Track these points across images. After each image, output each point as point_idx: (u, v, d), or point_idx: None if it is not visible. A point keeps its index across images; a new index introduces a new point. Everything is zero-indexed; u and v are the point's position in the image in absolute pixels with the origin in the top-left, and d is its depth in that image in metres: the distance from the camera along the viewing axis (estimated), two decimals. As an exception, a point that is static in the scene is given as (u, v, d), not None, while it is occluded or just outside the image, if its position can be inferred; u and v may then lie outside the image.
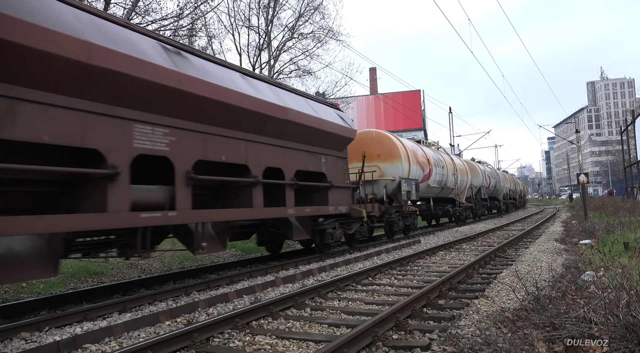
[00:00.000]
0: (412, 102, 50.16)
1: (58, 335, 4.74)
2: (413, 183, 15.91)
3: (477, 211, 25.80)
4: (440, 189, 19.53)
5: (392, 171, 15.32)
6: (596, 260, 7.73)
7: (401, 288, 6.93)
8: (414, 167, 16.16)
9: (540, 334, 3.77)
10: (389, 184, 15.30)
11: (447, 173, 20.02)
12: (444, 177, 19.49)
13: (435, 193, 19.37)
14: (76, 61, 4.95)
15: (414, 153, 16.64)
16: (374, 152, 15.28)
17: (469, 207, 23.61)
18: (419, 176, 16.60)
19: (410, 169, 15.88)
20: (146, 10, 13.74)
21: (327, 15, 25.11)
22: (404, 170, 15.55)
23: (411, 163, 15.96)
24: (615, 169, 78.92)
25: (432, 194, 19.30)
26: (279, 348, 4.27)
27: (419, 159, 16.90)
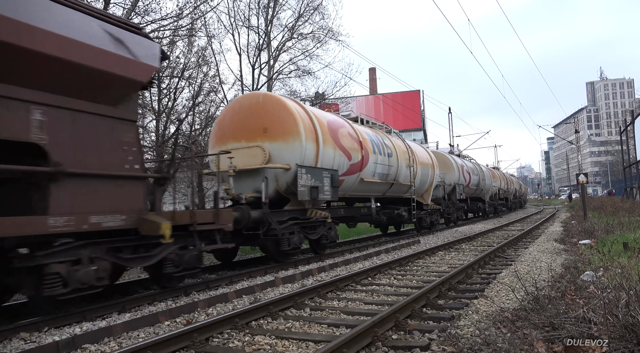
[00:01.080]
0: (412, 102, 50.18)
1: (57, 336, 4.74)
2: (326, 174, 10.38)
3: (450, 216, 21.02)
4: (387, 186, 14.31)
5: (286, 155, 9.69)
6: (595, 260, 7.73)
7: (401, 288, 6.93)
8: (329, 150, 10.71)
9: (539, 334, 3.77)
10: (281, 175, 9.66)
11: (398, 164, 14.56)
12: (391, 169, 14.14)
13: (378, 190, 14.15)
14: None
15: (330, 130, 11.02)
16: (259, 125, 9.93)
17: (436, 210, 18.24)
18: (340, 164, 11.22)
19: (319, 154, 10.27)
20: (146, 10, 13.74)
21: (326, 16, 25.18)
22: (307, 154, 9.91)
23: (322, 143, 10.32)
24: (614, 169, 78.96)
25: (373, 193, 14.02)
26: (278, 348, 4.27)
27: (340, 140, 11.31)
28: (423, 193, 17.53)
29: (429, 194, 17.83)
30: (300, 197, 9.51)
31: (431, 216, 17.64)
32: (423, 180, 17.00)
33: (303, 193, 9.54)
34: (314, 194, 9.86)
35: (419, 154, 17.01)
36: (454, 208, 21.45)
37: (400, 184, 14.97)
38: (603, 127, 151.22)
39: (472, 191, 25.62)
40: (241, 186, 9.61)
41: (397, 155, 14.69)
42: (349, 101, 27.32)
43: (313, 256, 10.59)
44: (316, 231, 10.44)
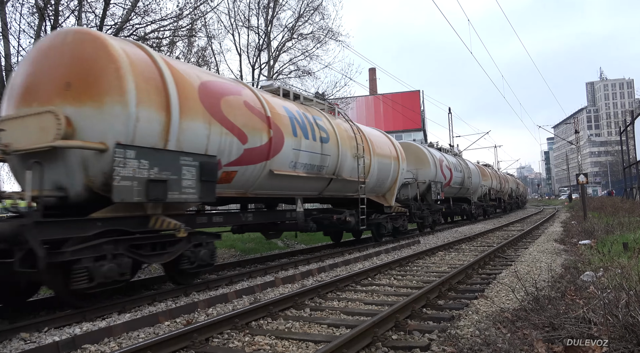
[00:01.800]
0: (412, 102, 50.22)
1: (57, 336, 4.74)
2: (188, 161, 6.53)
3: (424, 220, 17.13)
4: (322, 183, 10.52)
5: (101, 128, 5.87)
6: (595, 261, 7.73)
7: (401, 289, 6.93)
8: (199, 125, 6.87)
9: (539, 334, 3.77)
10: (91, 160, 5.85)
11: (339, 153, 10.69)
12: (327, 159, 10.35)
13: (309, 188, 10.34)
14: None
15: (205, 95, 7.11)
16: (58, 79, 6.05)
17: (401, 213, 14.35)
18: (225, 148, 7.41)
19: (171, 128, 6.40)
20: (146, 11, 13.74)
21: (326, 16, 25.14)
22: (141, 127, 6.00)
23: (178, 112, 6.50)
24: (614, 169, 78.97)
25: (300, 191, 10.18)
26: (278, 348, 4.27)
27: (224, 112, 7.41)
28: (384, 192, 13.69)
29: (392, 194, 13.87)
30: (119, 197, 5.70)
31: (395, 221, 13.93)
32: (382, 176, 13.01)
33: (126, 191, 5.75)
34: (156, 193, 6.09)
35: (375, 143, 12.85)
36: (430, 210, 17.43)
37: (345, 180, 11.22)
38: (603, 128, 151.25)
39: (456, 191, 22.28)
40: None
41: (338, 141, 10.80)
42: (349, 101, 27.33)
43: (313, 257, 10.57)
44: (167, 250, 6.64)
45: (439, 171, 19.20)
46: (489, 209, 29.62)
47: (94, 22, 13.09)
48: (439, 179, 19.01)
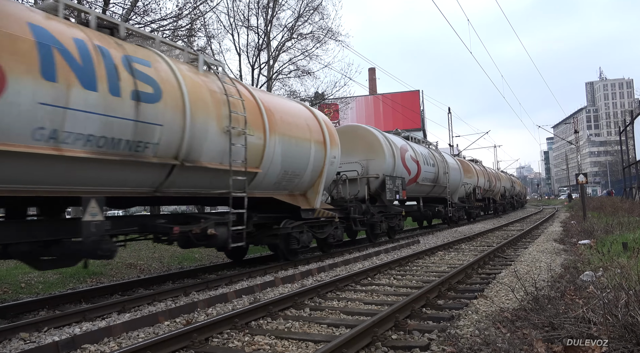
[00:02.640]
0: (411, 102, 50.20)
1: (57, 336, 4.74)
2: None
3: (375, 228, 13.24)
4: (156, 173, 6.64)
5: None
6: (595, 260, 7.73)
7: (400, 288, 6.93)
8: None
9: (539, 334, 3.77)
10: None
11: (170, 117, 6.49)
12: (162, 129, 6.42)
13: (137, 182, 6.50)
14: None
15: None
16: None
17: (330, 220, 10.76)
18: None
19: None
20: (145, 11, 13.75)
21: (326, 16, 25.16)
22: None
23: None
24: (614, 169, 79.01)
25: None
26: (278, 348, 4.27)
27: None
28: (304, 189, 10.21)
29: (315, 193, 10.28)
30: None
31: (320, 229, 10.57)
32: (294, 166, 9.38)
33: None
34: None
35: (280, 116, 9.08)
36: (384, 214, 13.60)
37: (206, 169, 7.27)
38: (602, 128, 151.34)
39: (428, 189, 17.99)
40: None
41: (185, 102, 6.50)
42: (348, 101, 27.35)
43: (312, 256, 10.58)
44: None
45: (400, 163, 14.74)
46: (474, 212, 24.99)
47: (94, 22, 13.08)
48: (399, 173, 14.56)
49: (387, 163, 13.88)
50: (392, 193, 13.83)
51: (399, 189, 14.31)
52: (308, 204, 10.02)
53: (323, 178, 10.31)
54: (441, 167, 19.20)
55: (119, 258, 10.00)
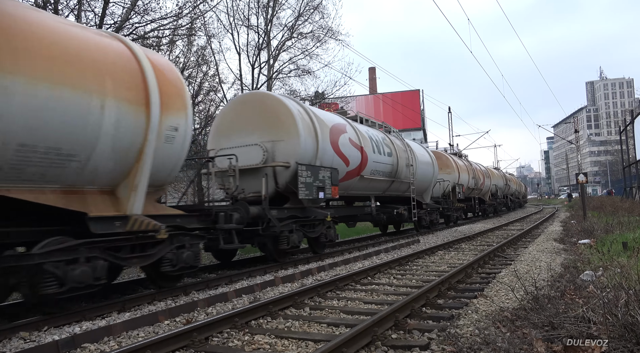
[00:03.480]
0: (412, 101, 50.21)
1: (57, 335, 4.74)
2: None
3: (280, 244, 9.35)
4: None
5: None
6: (595, 260, 7.74)
7: (400, 288, 6.93)
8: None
9: (539, 334, 3.77)
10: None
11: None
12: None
13: None
14: None
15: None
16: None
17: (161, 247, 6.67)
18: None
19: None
20: (145, 10, 13.73)
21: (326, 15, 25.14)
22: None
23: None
24: (614, 169, 79.00)
25: None
26: (278, 347, 4.27)
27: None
28: None
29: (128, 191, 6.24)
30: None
31: None
32: None
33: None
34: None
35: None
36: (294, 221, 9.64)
37: None
38: (603, 127, 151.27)
39: (383, 186, 13.98)
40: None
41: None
42: (348, 100, 27.34)
43: (312, 256, 10.58)
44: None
45: (328, 147, 10.61)
46: (453, 214, 21.14)
47: (94, 21, 13.08)
48: (326, 162, 10.55)
49: (303, 147, 9.65)
50: (311, 189, 9.63)
51: (325, 184, 10.09)
52: (115, 209, 6.14)
53: (144, 165, 6.30)
54: (402, 158, 14.95)
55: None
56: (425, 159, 17.44)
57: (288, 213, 9.60)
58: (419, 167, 16.36)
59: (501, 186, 34.41)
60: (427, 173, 17.46)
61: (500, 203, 33.67)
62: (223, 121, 10.52)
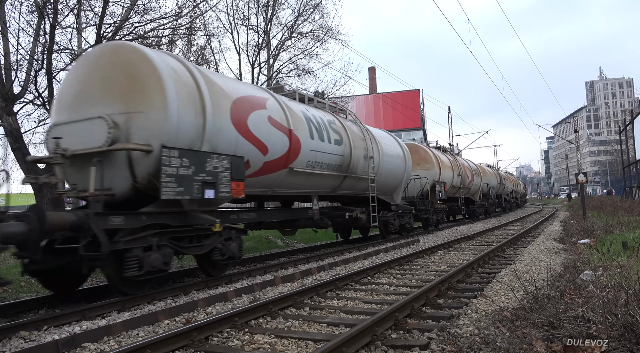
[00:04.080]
0: (411, 101, 50.24)
1: (57, 334, 4.74)
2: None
3: (118, 273, 6.13)
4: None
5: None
6: (595, 260, 7.74)
7: (400, 288, 6.93)
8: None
9: (538, 333, 3.77)
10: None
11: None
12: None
13: None
14: None
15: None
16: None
17: None
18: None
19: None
20: (145, 9, 13.72)
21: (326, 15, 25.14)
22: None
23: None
24: (613, 168, 79.04)
25: None
26: (277, 347, 4.27)
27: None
28: None
29: None
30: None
31: None
32: None
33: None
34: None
35: None
36: (158, 235, 6.58)
37: None
38: (602, 127, 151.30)
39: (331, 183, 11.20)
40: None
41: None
42: (348, 100, 27.35)
43: (312, 255, 10.55)
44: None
45: (225, 126, 7.50)
46: (433, 217, 17.94)
47: (93, 21, 13.09)
48: (219, 146, 7.35)
49: (175, 122, 6.51)
50: (188, 185, 6.57)
51: (217, 179, 7.04)
52: None
53: None
54: (359, 147, 11.91)
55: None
56: (393, 152, 14.14)
57: (147, 220, 6.45)
58: (385, 160, 13.23)
59: (494, 185, 31.61)
60: (397, 168, 14.17)
61: (493, 203, 30.72)
62: (65, 87, 7.24)
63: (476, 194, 26.13)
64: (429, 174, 18.79)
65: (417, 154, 18.48)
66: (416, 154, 18.49)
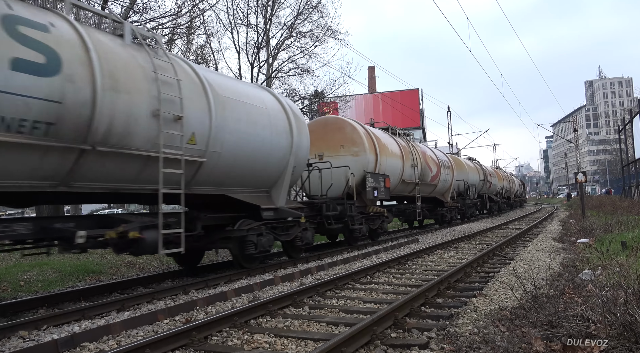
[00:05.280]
0: (411, 101, 50.21)
1: (56, 334, 4.74)
2: None
3: None
4: None
5: None
6: (594, 259, 7.74)
7: (399, 287, 6.94)
8: None
9: (538, 333, 3.77)
10: None
11: None
12: None
13: None
14: None
15: None
16: None
17: None
18: None
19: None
20: (144, 8, 13.71)
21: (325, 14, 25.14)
22: None
23: None
24: (612, 168, 79.10)
25: None
26: (277, 346, 4.27)
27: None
28: None
29: None
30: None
31: None
32: None
33: None
34: None
35: None
36: None
37: None
38: (602, 126, 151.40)
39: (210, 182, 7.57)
40: None
41: None
42: (348, 99, 27.33)
43: (311, 255, 10.56)
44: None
45: None
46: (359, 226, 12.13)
47: (93, 20, 13.05)
48: None
49: None
50: None
51: None
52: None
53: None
54: None
55: (118, 257, 9.98)
56: (258, 112, 8.46)
57: None
58: (230, 126, 7.68)
59: (475, 182, 25.57)
60: (268, 143, 8.61)
61: (471, 205, 24.24)
62: None
63: (447, 193, 20.34)
64: (357, 163, 12.61)
65: (339, 133, 13.02)
66: (338, 132, 13.04)
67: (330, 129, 12.97)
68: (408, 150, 16.25)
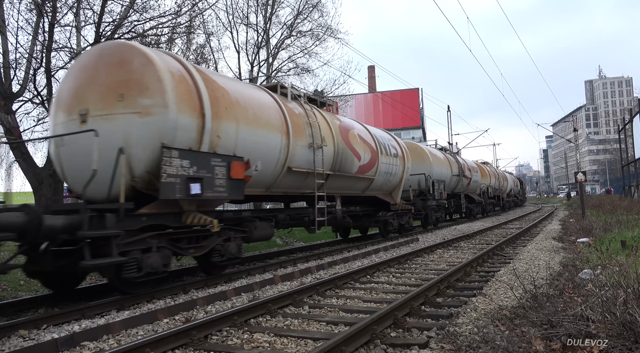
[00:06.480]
0: (411, 100, 50.26)
1: (56, 333, 4.74)
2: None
3: None
4: None
5: None
6: (594, 258, 7.75)
7: (399, 286, 6.94)
8: None
9: (537, 332, 3.78)
10: None
11: None
12: None
13: None
14: None
15: None
16: None
17: None
18: None
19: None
20: (144, 8, 13.68)
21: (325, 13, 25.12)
22: None
23: None
24: (612, 167, 79.10)
25: None
26: (277, 346, 4.27)
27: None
28: None
29: None
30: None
31: None
32: None
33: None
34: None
35: None
36: None
37: None
38: (601, 126, 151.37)
39: None
40: None
41: None
42: (348, 99, 27.33)
43: (311, 254, 10.55)
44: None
45: None
46: None
47: (92, 19, 13.05)
48: None
49: None
50: None
51: None
52: None
53: None
54: None
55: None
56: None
57: None
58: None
59: (445, 178, 20.53)
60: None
61: (437, 207, 18.75)
62: None
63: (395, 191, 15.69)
64: (146, 127, 8.24)
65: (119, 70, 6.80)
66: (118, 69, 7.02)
67: (105, 63, 6.85)
68: (303, 119, 9.96)
